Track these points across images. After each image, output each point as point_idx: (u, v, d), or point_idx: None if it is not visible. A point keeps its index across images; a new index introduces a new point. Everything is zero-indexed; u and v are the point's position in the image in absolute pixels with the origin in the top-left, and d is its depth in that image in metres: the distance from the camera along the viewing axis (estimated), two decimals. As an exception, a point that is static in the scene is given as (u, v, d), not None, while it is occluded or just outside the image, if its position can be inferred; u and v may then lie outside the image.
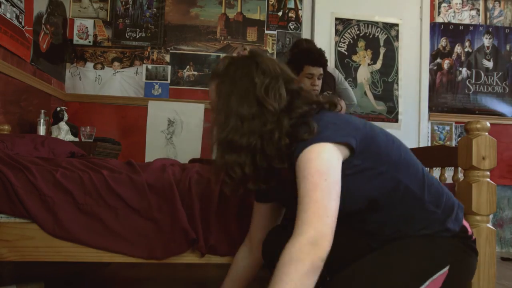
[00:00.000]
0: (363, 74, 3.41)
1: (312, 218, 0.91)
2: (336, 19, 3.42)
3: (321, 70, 2.43)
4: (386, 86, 3.43)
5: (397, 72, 3.45)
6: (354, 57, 3.42)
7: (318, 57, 2.44)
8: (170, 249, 1.41)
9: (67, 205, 1.39)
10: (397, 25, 3.46)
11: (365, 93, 3.41)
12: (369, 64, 3.42)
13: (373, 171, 1.02)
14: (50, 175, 1.43)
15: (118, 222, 1.40)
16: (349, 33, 3.43)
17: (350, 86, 3.37)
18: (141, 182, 1.44)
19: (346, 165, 0.98)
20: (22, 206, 1.38)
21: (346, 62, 3.41)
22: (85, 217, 1.39)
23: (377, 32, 3.45)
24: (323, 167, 0.94)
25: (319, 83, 2.45)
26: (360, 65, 3.42)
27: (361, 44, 3.43)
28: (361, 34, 3.44)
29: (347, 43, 3.42)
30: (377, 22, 3.45)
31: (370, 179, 1.02)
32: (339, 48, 3.41)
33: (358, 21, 3.44)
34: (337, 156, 0.96)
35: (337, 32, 3.42)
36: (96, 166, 1.55)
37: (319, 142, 0.96)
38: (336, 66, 3.38)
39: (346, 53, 3.41)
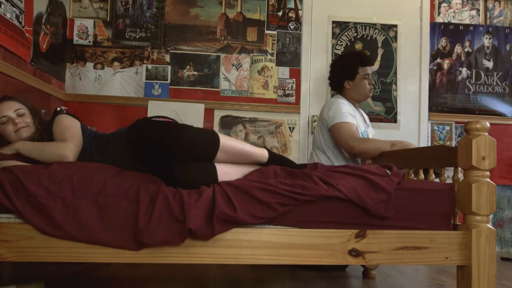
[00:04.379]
0: (361, 76, 3.41)
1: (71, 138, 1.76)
2: (333, 22, 3.43)
3: (370, 69, 2.71)
4: (384, 87, 3.43)
5: (395, 73, 3.45)
6: (351, 59, 3.42)
7: (368, 57, 2.74)
8: (159, 236, 1.39)
9: (56, 203, 1.40)
10: (395, 26, 3.47)
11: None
12: (366, 66, 3.42)
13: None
14: (35, 175, 1.44)
15: (103, 215, 1.41)
16: (346, 35, 3.43)
17: None
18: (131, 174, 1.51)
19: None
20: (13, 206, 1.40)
21: (343, 64, 3.41)
22: (74, 212, 1.40)
23: (375, 34, 3.45)
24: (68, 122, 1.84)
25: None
26: (356, 66, 3.41)
27: (358, 46, 3.43)
28: (358, 36, 3.44)
29: (344, 45, 3.43)
30: (375, 24, 3.45)
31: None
32: (335, 51, 3.42)
33: (355, 23, 3.44)
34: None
35: (334, 35, 3.43)
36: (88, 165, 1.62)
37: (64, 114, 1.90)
38: None
39: (343, 56, 3.42)
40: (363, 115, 2.75)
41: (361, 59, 2.64)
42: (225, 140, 1.61)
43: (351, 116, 2.50)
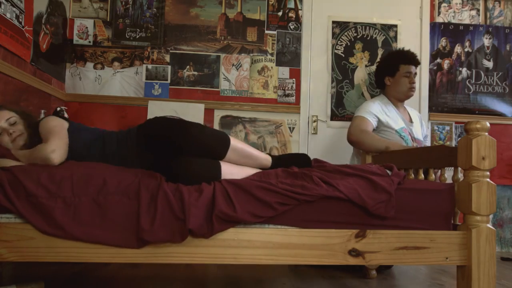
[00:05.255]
0: (360, 75, 3.41)
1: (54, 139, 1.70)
2: (333, 22, 3.43)
3: (415, 69, 2.74)
4: (384, 86, 3.43)
5: (395, 73, 3.45)
6: (351, 59, 3.42)
7: (412, 57, 2.75)
8: (160, 235, 1.40)
9: (56, 203, 1.40)
10: (395, 26, 3.47)
11: (362, 94, 3.41)
12: (366, 66, 3.42)
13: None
14: (35, 175, 1.44)
15: (102, 212, 1.41)
16: (346, 35, 3.43)
17: (347, 88, 3.38)
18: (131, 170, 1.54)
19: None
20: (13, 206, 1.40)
21: (343, 64, 3.41)
22: (74, 211, 1.40)
23: (375, 34, 3.45)
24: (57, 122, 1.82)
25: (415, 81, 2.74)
26: (357, 66, 3.41)
27: (358, 46, 3.43)
28: (358, 36, 3.44)
29: (344, 45, 3.43)
30: (375, 24, 3.45)
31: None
32: (335, 51, 3.42)
33: (355, 23, 3.44)
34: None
35: (334, 35, 3.43)
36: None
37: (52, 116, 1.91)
38: (332, 69, 3.39)
39: (343, 55, 3.41)
40: (409, 114, 2.82)
41: (403, 57, 2.72)
42: (235, 142, 1.68)
43: (370, 113, 2.60)
